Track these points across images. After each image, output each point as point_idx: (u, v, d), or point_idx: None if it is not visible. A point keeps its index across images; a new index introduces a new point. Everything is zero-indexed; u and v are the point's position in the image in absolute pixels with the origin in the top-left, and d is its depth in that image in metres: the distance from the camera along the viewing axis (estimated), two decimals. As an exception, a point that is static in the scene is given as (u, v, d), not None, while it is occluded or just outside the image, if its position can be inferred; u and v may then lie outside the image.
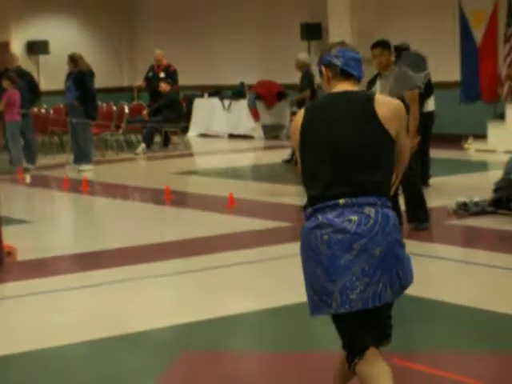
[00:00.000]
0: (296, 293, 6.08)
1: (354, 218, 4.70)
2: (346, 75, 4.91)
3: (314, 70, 17.85)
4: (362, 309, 4.66)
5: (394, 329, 4.96)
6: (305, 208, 4.91)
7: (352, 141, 4.79)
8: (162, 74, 21.68)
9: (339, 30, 11.94)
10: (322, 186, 4.80)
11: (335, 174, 4.78)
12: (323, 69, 4.98)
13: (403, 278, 4.77)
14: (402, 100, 10.42)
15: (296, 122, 4.97)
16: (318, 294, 4.77)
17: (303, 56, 17.60)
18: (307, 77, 17.40)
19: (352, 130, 4.81)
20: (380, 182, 4.83)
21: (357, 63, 4.98)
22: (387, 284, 4.71)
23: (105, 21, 28.84)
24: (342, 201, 4.72)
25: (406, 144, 5.17)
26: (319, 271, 4.73)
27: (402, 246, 4.83)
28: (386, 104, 4.85)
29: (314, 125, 4.87)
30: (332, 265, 4.69)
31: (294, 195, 13.59)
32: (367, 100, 4.86)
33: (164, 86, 21.50)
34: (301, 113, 4.97)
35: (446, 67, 19.18)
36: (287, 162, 17.23)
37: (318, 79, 19.56)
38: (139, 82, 24.11)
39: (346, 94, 4.93)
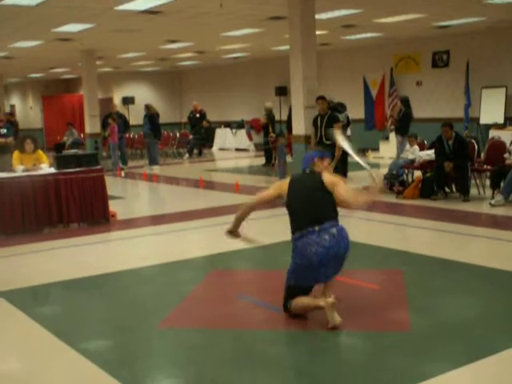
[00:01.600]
0: (276, 237, 6.07)
1: (326, 237, 5.02)
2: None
3: (274, 111, 18.19)
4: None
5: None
6: (293, 233, 5.19)
7: (317, 197, 5.16)
8: (197, 115, 21.65)
9: (296, 90, 11.84)
10: (305, 221, 5.10)
11: (312, 214, 5.10)
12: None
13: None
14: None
15: (284, 181, 5.42)
16: (306, 282, 5.17)
17: (268, 104, 17.91)
18: (269, 115, 17.57)
19: (316, 193, 5.17)
20: (333, 214, 5.19)
21: (309, 160, 5.48)
22: (340, 267, 5.22)
23: (165, 84, 28.73)
24: (317, 227, 5.04)
25: (342, 189, 5.26)
26: (309, 274, 5.10)
27: (349, 241, 5.22)
28: (327, 177, 5.26)
29: (296, 186, 5.27)
30: (318, 271, 5.06)
31: (272, 182, 13.58)
32: (319, 177, 5.26)
33: (205, 123, 21.54)
34: (287, 181, 5.37)
35: (356, 110, 19.18)
36: (264, 165, 17.29)
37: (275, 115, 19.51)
38: (184, 119, 24.10)
39: (309, 173, 5.38)
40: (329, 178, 5.26)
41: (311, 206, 5.12)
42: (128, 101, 26.67)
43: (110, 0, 10.81)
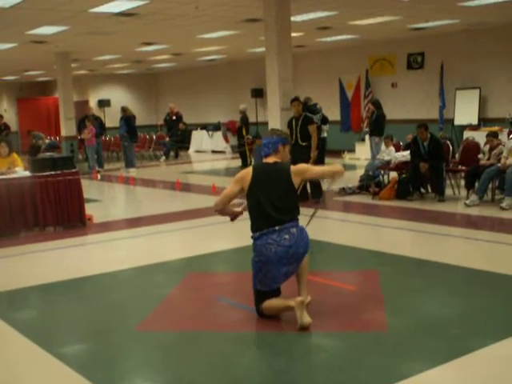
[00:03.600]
0: (249, 239, 6.04)
1: (287, 236, 4.98)
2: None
3: (248, 112, 18.19)
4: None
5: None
6: (253, 231, 5.12)
7: (281, 192, 5.07)
8: (174, 117, 21.58)
9: (272, 92, 11.86)
10: (265, 219, 5.02)
11: (273, 211, 5.01)
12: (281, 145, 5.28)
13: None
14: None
15: (246, 173, 5.20)
16: (268, 285, 5.10)
17: (242, 106, 17.95)
18: (243, 117, 17.62)
19: (281, 186, 5.09)
20: (295, 213, 5.12)
21: (273, 145, 5.29)
22: (299, 263, 5.13)
23: (141, 87, 28.68)
24: (277, 227, 4.99)
25: (316, 169, 5.48)
26: (269, 275, 5.04)
27: (309, 240, 5.15)
28: (294, 169, 5.18)
29: (261, 180, 5.11)
30: (278, 270, 5.02)
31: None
32: (287, 169, 5.19)
33: (182, 125, 21.47)
34: (249, 169, 5.21)
35: (332, 112, 19.26)
36: (241, 167, 17.34)
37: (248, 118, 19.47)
38: (160, 122, 24.02)
39: (275, 164, 5.22)
40: (295, 169, 5.21)
41: (275, 204, 5.04)
42: (104, 103, 26.53)
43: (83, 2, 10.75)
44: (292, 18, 11.95)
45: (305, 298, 4.96)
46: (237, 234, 8.91)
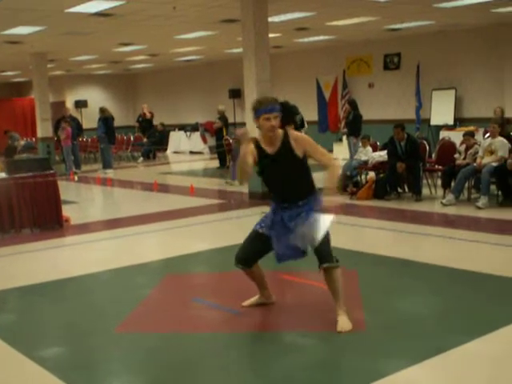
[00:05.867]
0: (228, 239, 6.05)
1: None
2: None
3: (225, 113, 18.20)
4: None
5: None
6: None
7: None
8: (148, 116, 21.65)
9: (250, 93, 11.86)
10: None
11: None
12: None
13: None
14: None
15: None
16: None
17: (221, 107, 17.93)
18: (222, 118, 17.63)
19: None
20: None
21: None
22: None
23: (119, 88, 28.53)
24: None
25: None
26: None
27: None
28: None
29: None
30: None
31: (225, 185, 13.60)
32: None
33: (159, 126, 21.43)
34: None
35: (310, 112, 19.30)
36: (218, 168, 17.33)
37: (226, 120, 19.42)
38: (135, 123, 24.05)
39: None
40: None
41: None
42: (81, 104, 26.37)
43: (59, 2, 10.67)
44: (269, 19, 11.95)
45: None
46: (215, 235, 8.93)
